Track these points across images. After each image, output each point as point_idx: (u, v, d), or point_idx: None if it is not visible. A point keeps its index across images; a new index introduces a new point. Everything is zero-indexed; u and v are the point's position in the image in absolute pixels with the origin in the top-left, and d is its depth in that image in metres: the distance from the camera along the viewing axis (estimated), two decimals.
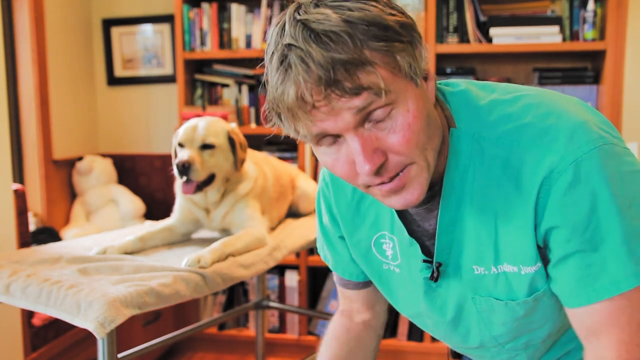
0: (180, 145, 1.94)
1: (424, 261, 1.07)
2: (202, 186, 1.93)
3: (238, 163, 1.99)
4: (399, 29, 0.85)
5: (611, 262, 0.88)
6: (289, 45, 0.84)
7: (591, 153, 0.88)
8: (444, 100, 1.02)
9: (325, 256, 1.34)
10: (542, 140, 0.92)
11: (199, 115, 2.98)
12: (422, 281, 1.10)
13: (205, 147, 1.93)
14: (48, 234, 3.09)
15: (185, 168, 1.87)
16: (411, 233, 1.09)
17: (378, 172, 0.89)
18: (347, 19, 0.82)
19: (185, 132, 1.93)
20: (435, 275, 1.06)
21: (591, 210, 0.88)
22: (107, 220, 3.46)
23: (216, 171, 1.95)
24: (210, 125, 1.96)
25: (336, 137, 0.89)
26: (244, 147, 2.03)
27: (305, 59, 0.82)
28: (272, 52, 0.87)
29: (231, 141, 1.98)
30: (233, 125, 2.05)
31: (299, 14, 0.85)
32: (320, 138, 0.90)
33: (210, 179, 1.95)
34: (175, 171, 1.89)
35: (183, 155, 1.89)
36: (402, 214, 1.10)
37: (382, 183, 0.91)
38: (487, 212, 0.98)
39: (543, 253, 0.97)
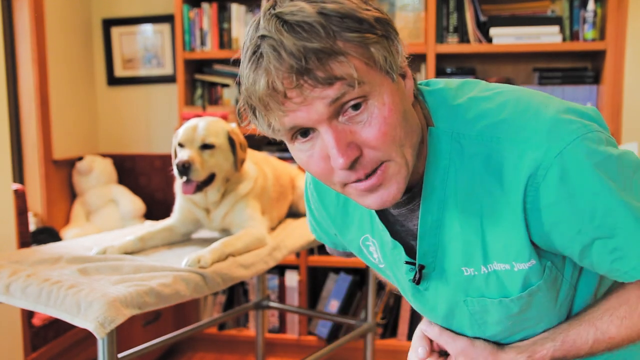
0: (180, 145, 1.94)
1: (407, 263, 1.06)
2: (202, 186, 1.93)
3: (238, 163, 1.99)
4: (374, 22, 0.85)
5: (633, 246, 0.89)
6: (262, 37, 0.84)
7: (575, 143, 0.87)
8: (423, 100, 1.01)
9: (320, 236, 1.34)
10: (521, 134, 0.90)
11: (199, 116, 2.97)
12: (409, 284, 1.08)
13: (205, 147, 1.92)
14: (48, 234, 3.09)
15: (185, 168, 1.87)
16: (395, 234, 1.07)
17: (352, 166, 0.87)
18: (321, 11, 0.82)
19: (185, 132, 1.93)
20: (417, 277, 1.04)
21: (591, 197, 0.87)
22: (107, 220, 3.46)
23: (216, 171, 1.95)
24: (210, 125, 1.95)
25: (310, 132, 0.88)
26: (244, 147, 2.03)
27: (277, 48, 0.81)
28: (247, 47, 0.87)
29: (231, 141, 1.98)
30: (233, 126, 2.05)
31: (273, 8, 0.85)
32: (294, 132, 0.89)
33: (210, 179, 1.95)
34: (175, 171, 1.89)
35: (183, 155, 1.89)
36: (384, 216, 1.08)
37: (359, 181, 0.89)
38: (471, 212, 0.96)
39: (542, 250, 0.96)
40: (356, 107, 0.85)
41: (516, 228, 0.92)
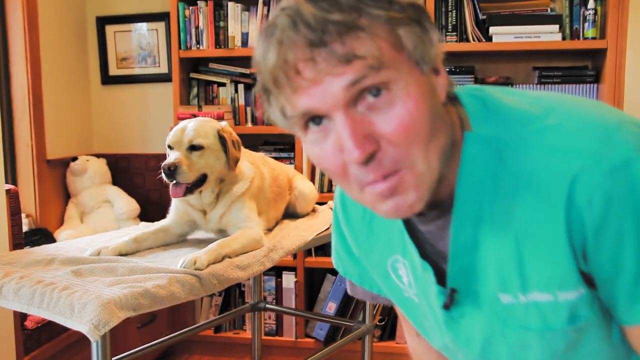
0: (170, 147, 1.93)
1: (438, 284, 0.93)
2: (192, 188, 1.92)
3: (231, 162, 1.97)
4: (406, 5, 0.77)
5: None
6: (282, 9, 0.77)
7: (633, 157, 0.75)
8: (459, 102, 0.89)
9: (346, 270, 1.20)
10: (571, 142, 0.78)
11: (195, 115, 2.95)
12: (441, 311, 0.95)
13: (194, 148, 1.91)
14: (41, 235, 3.07)
15: (171, 171, 1.86)
16: (425, 255, 0.95)
17: (369, 162, 0.76)
18: None
19: (174, 134, 1.93)
20: (447, 302, 0.93)
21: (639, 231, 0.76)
22: (102, 221, 3.43)
23: (207, 172, 1.94)
24: (200, 126, 1.94)
25: (324, 120, 0.79)
26: (238, 146, 2.01)
27: (293, 17, 0.74)
28: (266, 23, 0.80)
29: (222, 140, 1.96)
30: (224, 124, 2.03)
31: None
32: (307, 120, 0.79)
33: (201, 181, 1.93)
34: (162, 174, 1.88)
35: (170, 158, 1.89)
36: (414, 233, 0.96)
37: (375, 183, 0.79)
38: (508, 232, 0.84)
39: (589, 276, 0.83)
40: (376, 94, 0.76)
41: (559, 251, 0.81)
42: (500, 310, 0.89)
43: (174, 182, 1.89)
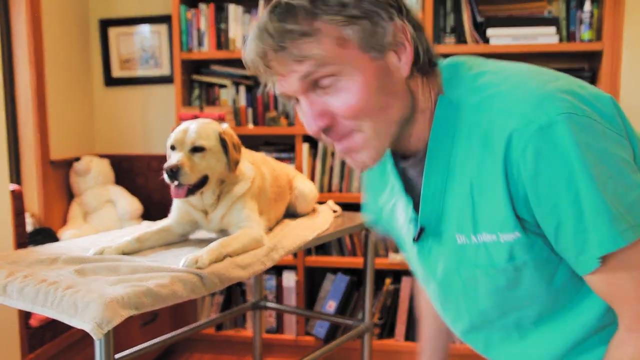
0: (172, 148, 1.94)
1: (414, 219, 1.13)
2: (194, 189, 1.92)
3: (231, 164, 1.98)
4: (356, 4, 0.96)
5: (594, 231, 0.89)
6: (257, 22, 1.00)
7: (557, 120, 0.89)
8: (440, 71, 1.08)
9: (364, 206, 1.44)
10: (510, 107, 0.94)
11: (196, 116, 2.97)
12: (414, 245, 1.15)
13: (196, 150, 1.92)
14: (45, 235, 3.08)
15: (174, 172, 1.86)
16: (416, 196, 1.13)
17: (328, 132, 1.01)
18: None
19: (176, 135, 1.93)
20: (415, 237, 1.12)
21: (566, 180, 0.88)
22: (105, 221, 3.45)
23: (209, 173, 1.94)
24: (201, 128, 1.95)
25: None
26: (238, 148, 2.02)
27: (261, 30, 0.97)
28: (248, 34, 1.03)
29: (223, 142, 1.97)
30: (225, 126, 2.04)
31: None
32: (290, 97, 1.04)
33: (203, 182, 1.94)
34: (165, 175, 1.89)
35: (172, 159, 1.89)
36: (405, 176, 1.17)
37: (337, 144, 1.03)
38: (464, 180, 1.01)
39: (525, 223, 0.97)
40: (328, 81, 0.97)
41: (500, 197, 0.97)
42: (456, 249, 1.07)
43: (176, 183, 1.90)
